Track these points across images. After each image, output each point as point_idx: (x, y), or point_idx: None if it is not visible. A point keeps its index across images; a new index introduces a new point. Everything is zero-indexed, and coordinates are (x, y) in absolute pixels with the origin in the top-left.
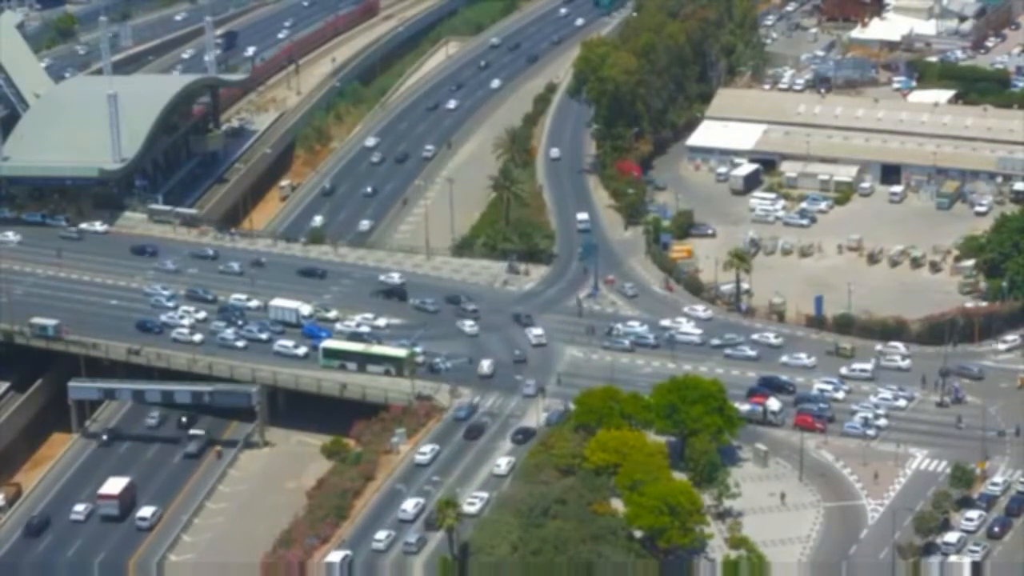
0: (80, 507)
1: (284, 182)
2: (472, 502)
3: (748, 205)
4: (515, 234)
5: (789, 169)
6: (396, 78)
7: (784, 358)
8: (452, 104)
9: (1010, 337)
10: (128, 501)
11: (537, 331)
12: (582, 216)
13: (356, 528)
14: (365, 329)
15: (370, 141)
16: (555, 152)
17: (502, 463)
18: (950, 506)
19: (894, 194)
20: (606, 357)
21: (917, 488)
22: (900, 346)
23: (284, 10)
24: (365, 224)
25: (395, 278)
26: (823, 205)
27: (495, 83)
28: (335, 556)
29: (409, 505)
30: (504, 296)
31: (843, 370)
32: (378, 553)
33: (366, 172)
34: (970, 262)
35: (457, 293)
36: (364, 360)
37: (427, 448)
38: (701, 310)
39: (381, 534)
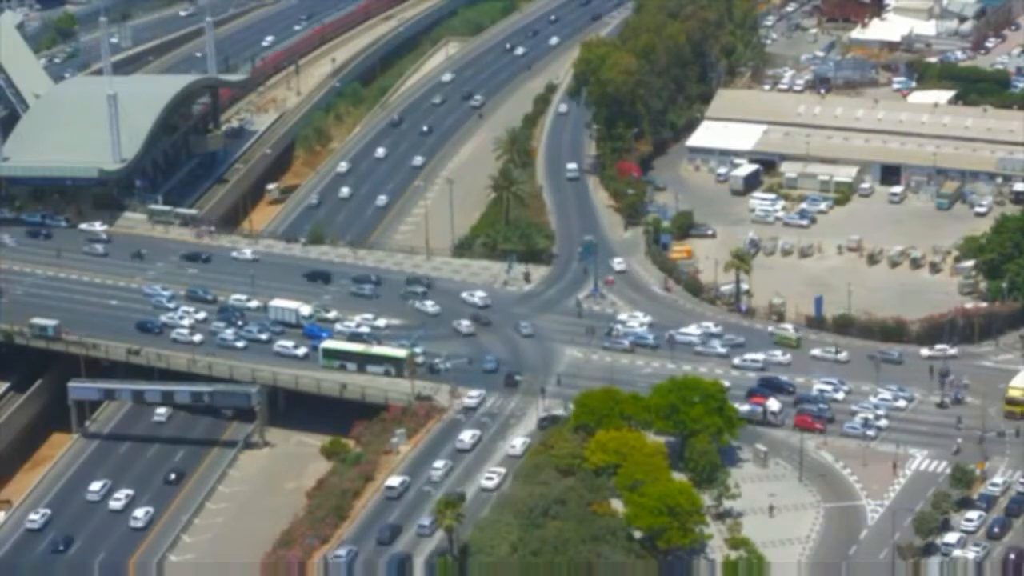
0: (162, 410)
1: (271, 185)
2: (490, 477)
3: (748, 206)
4: (515, 234)
5: (789, 170)
6: (396, 78)
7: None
8: (520, 51)
9: (939, 345)
10: None
11: (480, 293)
12: (571, 166)
13: (356, 526)
14: (365, 329)
15: (446, 76)
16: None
17: (517, 444)
18: (950, 507)
19: (894, 195)
20: (606, 358)
21: (917, 488)
22: (789, 327)
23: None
24: (418, 160)
25: (247, 254)
26: (823, 206)
27: (554, 40)
28: (394, 480)
29: (467, 436)
30: (504, 296)
31: (736, 360)
32: (435, 483)
33: (428, 110)
34: (970, 263)
35: (373, 275)
36: (364, 360)
37: (475, 392)
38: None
39: (439, 463)
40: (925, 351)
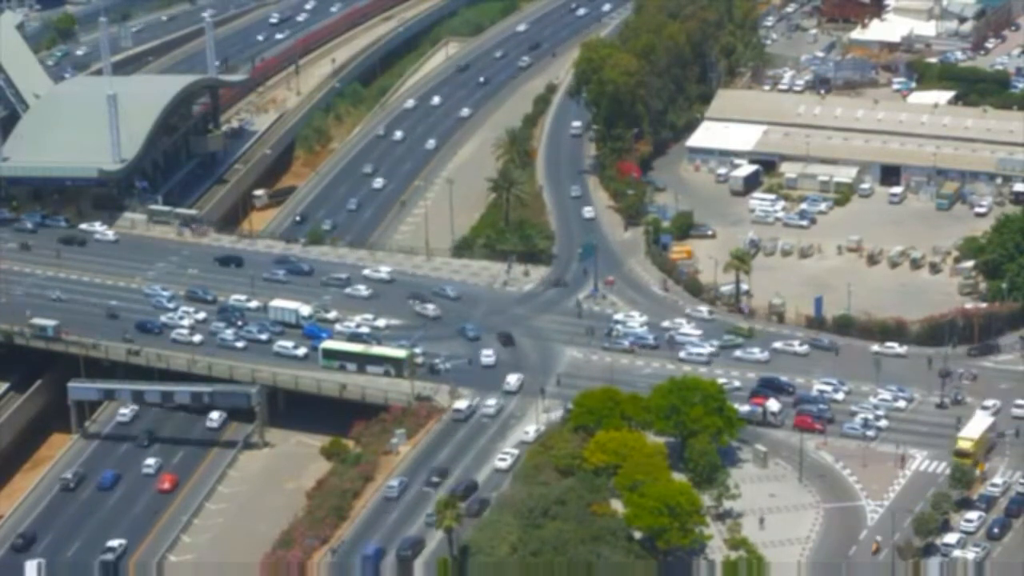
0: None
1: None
2: (503, 458)
3: (748, 206)
4: (515, 235)
5: (789, 170)
6: (396, 78)
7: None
8: (582, 12)
9: (888, 343)
10: None
11: (385, 268)
12: (576, 123)
13: (354, 529)
14: (365, 330)
15: (521, 27)
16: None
17: (530, 430)
18: (950, 507)
19: (894, 195)
20: (606, 358)
21: (917, 489)
22: (693, 318)
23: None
24: (465, 112)
25: (109, 235)
26: (823, 206)
27: (607, 7)
28: (461, 403)
29: (513, 379)
30: (504, 297)
31: (681, 354)
32: (490, 418)
33: (489, 63)
34: (970, 263)
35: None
36: (364, 361)
37: (488, 351)
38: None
39: (491, 400)
40: (875, 347)
